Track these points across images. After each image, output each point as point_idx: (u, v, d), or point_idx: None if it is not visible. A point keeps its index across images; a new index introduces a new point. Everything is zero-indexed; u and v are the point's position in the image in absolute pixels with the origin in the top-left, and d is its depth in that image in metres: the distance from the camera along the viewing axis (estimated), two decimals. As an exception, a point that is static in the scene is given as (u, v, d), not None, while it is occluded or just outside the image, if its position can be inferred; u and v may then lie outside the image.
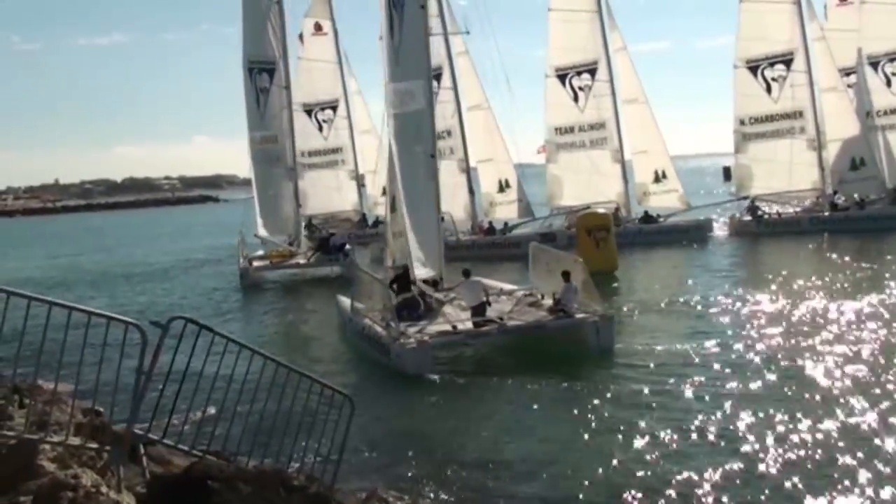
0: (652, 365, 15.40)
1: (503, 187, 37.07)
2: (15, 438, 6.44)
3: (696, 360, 15.77)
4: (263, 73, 32.96)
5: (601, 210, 30.85)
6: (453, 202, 34.75)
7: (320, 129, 41.86)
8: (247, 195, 36.13)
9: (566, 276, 17.38)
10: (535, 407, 13.42)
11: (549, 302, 17.95)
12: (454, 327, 17.07)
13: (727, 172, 39.53)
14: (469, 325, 17.17)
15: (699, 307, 21.22)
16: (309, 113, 42.64)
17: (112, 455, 6.82)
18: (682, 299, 22.32)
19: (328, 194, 41.57)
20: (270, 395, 7.57)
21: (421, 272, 19.32)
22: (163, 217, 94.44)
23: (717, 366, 15.14)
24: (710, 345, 16.71)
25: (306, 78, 40.78)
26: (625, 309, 21.38)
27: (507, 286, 20.18)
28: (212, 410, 7.88)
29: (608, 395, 13.74)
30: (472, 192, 36.02)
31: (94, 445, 6.82)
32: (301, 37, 42.56)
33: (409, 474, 10.42)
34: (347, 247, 31.40)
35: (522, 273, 29.24)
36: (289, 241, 33.69)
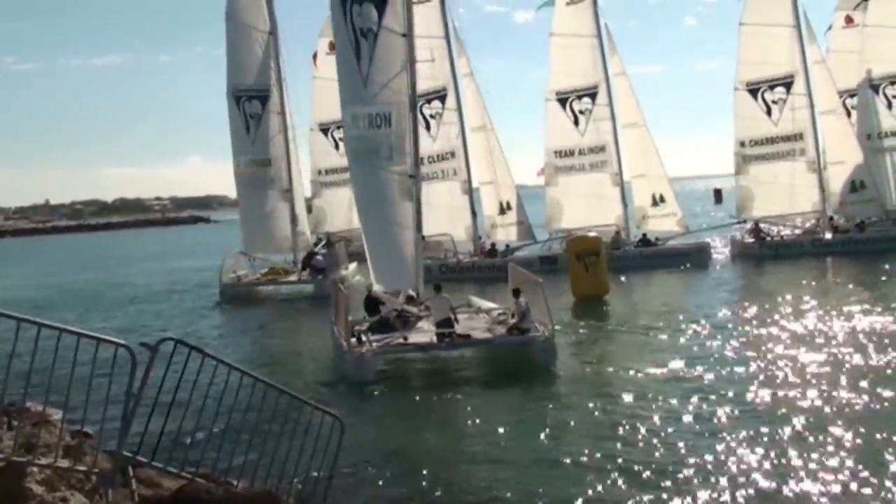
0: (616, 388, 15.65)
1: (504, 209, 37.03)
2: (3, 461, 6.41)
3: (651, 382, 15.90)
4: (254, 100, 34.13)
5: (592, 234, 30.75)
6: (455, 223, 34.85)
7: (337, 147, 41.93)
8: (238, 216, 36.66)
9: (516, 293, 18.53)
10: (513, 423, 13.67)
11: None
12: (405, 338, 18.06)
13: (718, 195, 39.66)
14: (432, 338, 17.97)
15: (682, 330, 21.03)
16: (325, 132, 43.39)
17: (101, 478, 6.81)
18: (666, 322, 22.22)
19: (348, 211, 41.66)
20: (260, 416, 7.56)
21: (390, 288, 20.35)
22: (153, 238, 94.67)
23: (673, 389, 15.12)
24: (677, 367, 16.72)
25: (321, 97, 40.89)
26: (606, 329, 22.22)
27: (488, 304, 20.92)
28: (201, 432, 7.86)
29: (570, 412, 14.04)
30: (474, 213, 36.01)
31: (83, 468, 6.81)
32: (315, 56, 43.56)
33: (399, 494, 10.35)
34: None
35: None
36: (292, 260, 34.61)
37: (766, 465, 10.87)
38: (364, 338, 17.73)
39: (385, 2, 19.94)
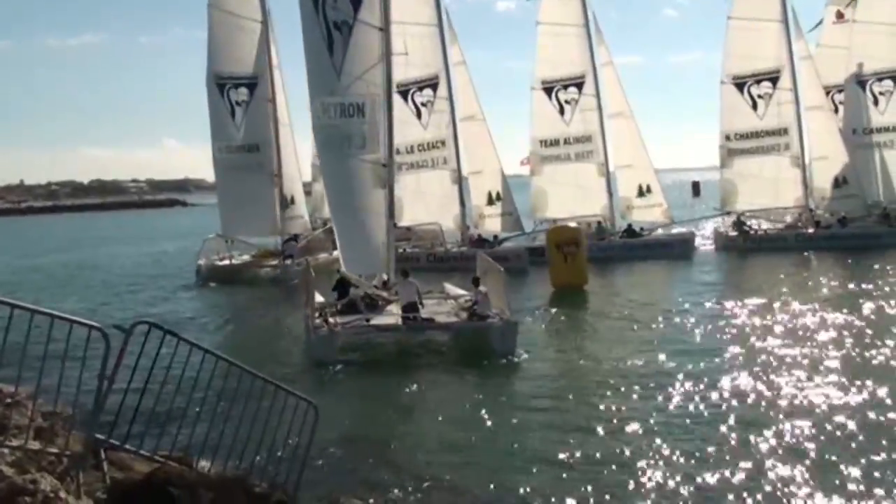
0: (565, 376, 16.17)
1: (493, 199, 37.03)
2: (-27, 442, 6.38)
3: (614, 371, 16.18)
4: (241, 87, 34.51)
5: (572, 224, 30.82)
6: (444, 213, 34.83)
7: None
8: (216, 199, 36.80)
9: (476, 282, 19.53)
10: (471, 408, 13.91)
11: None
12: (367, 320, 18.72)
13: (696, 187, 39.78)
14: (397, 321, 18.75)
15: (654, 320, 21.29)
16: None
17: (72, 460, 6.77)
18: (639, 313, 22.45)
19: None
20: (234, 400, 7.54)
21: (360, 273, 20.99)
22: (130, 220, 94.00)
23: (633, 379, 15.32)
24: (641, 357, 16.94)
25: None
26: (577, 319, 22.61)
27: (458, 291, 21.60)
28: (175, 416, 7.83)
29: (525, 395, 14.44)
30: (462, 203, 36.00)
31: (54, 450, 6.76)
32: None
33: (373, 480, 10.37)
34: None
35: (514, 283, 29.46)
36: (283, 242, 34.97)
37: (725, 456, 10.97)
38: (331, 319, 18.34)
39: None
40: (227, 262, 34.61)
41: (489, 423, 12.92)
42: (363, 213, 20.94)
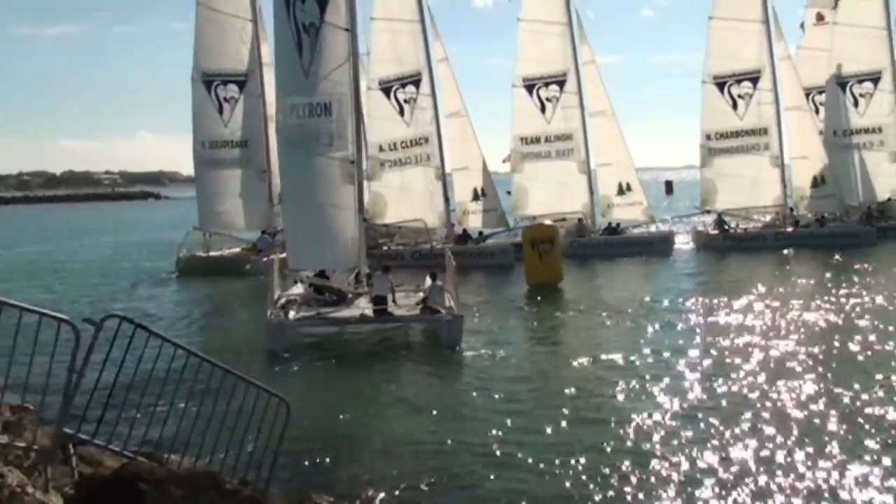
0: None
1: (477, 196, 37.04)
2: (-61, 435, 6.33)
3: (567, 368, 16.39)
4: (229, 84, 34.98)
5: (548, 222, 30.88)
6: (428, 209, 34.82)
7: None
8: (193, 193, 36.93)
9: (433, 276, 20.28)
10: (429, 400, 14.20)
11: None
12: (319, 313, 19.51)
13: (669, 186, 39.96)
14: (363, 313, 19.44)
15: (624, 318, 21.43)
16: None
17: (40, 454, 6.72)
18: (609, 311, 22.54)
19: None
20: (205, 396, 7.51)
21: (327, 266, 21.72)
22: (102, 212, 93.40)
23: (591, 375, 15.57)
24: (603, 354, 17.08)
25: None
26: (545, 315, 22.81)
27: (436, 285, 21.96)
28: (145, 411, 7.80)
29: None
30: (447, 199, 36.01)
31: (22, 444, 6.72)
32: None
33: (344, 477, 10.37)
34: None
35: (491, 280, 29.62)
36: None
37: (688, 450, 11.01)
38: (292, 311, 19.28)
39: None
40: (215, 254, 35.05)
41: (453, 417, 13.10)
42: (333, 210, 21.36)
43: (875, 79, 40.55)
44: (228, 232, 35.81)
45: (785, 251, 34.78)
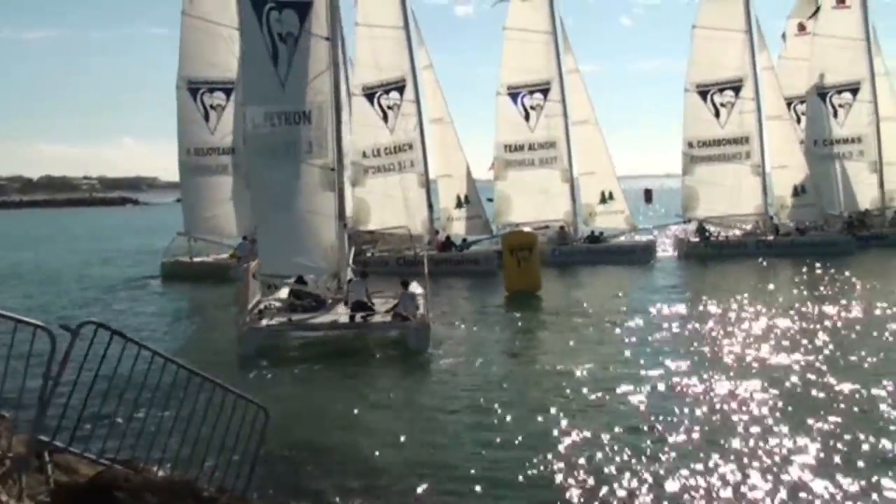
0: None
1: (461, 203, 37.06)
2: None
3: (537, 374, 16.65)
4: (216, 91, 34.94)
5: (527, 229, 30.96)
6: (412, 216, 34.81)
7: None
8: (173, 199, 37.05)
9: (405, 284, 20.41)
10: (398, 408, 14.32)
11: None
12: (290, 319, 19.64)
13: (648, 195, 40.13)
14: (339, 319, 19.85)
15: (598, 325, 21.57)
16: None
17: (14, 462, 6.65)
18: (590, 318, 22.70)
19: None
20: (183, 403, 7.47)
21: (305, 273, 21.98)
22: (80, 218, 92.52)
23: (556, 383, 15.58)
24: (569, 361, 17.11)
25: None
26: (519, 323, 22.83)
27: (418, 291, 21.94)
28: (122, 418, 7.72)
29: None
30: (430, 206, 36.03)
31: (-4, 451, 6.65)
32: None
33: (322, 484, 10.32)
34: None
35: (473, 286, 29.64)
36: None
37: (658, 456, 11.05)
38: (265, 317, 19.55)
39: (308, 7, 20.92)
40: (199, 259, 34.96)
41: (428, 424, 13.17)
42: (313, 216, 21.47)
43: (854, 89, 41.02)
44: (215, 238, 35.75)
45: (762, 261, 34.98)
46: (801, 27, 43.34)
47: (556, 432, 12.33)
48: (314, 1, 21.06)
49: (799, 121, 42.47)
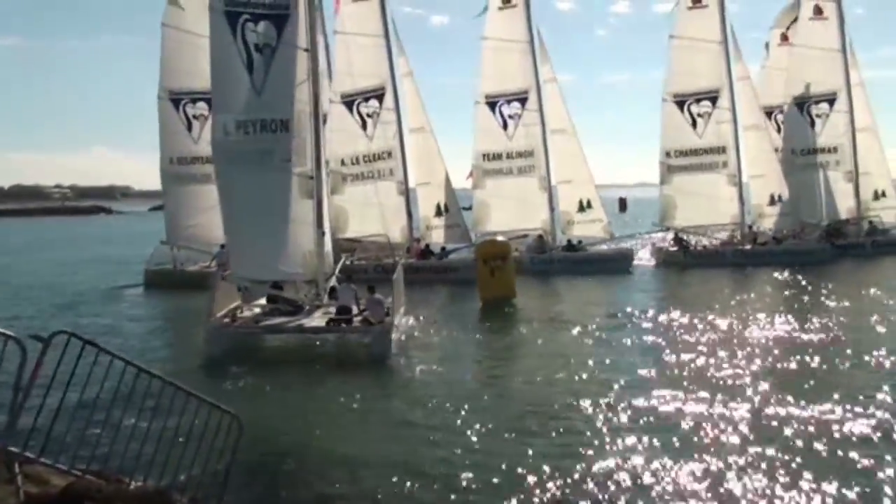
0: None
1: (441, 211, 37.10)
2: None
3: (497, 381, 16.99)
4: (199, 102, 34.71)
5: (500, 238, 31.08)
6: (391, 224, 34.79)
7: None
8: (147, 208, 36.91)
9: (371, 289, 20.59)
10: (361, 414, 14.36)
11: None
12: (256, 321, 20.43)
13: (623, 203, 40.42)
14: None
15: (563, 334, 21.84)
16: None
17: (-17, 473, 6.60)
18: (552, 326, 23.05)
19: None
20: (156, 413, 7.42)
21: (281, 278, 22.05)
22: (52, 227, 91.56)
23: (518, 391, 15.88)
24: (534, 370, 17.43)
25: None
26: (487, 330, 23.29)
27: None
28: (94, 429, 7.66)
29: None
30: (410, 214, 36.03)
31: (-35, 463, 6.59)
32: None
33: (296, 493, 10.31)
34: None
35: (451, 294, 29.67)
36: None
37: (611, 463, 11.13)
38: (239, 320, 20.30)
39: (285, 19, 21.18)
40: (180, 268, 34.96)
41: (400, 431, 13.23)
42: (287, 223, 21.63)
43: (831, 100, 41.54)
44: (197, 247, 35.49)
45: (745, 271, 35.27)
46: (784, 37, 43.96)
47: (527, 437, 12.44)
48: (292, 13, 21.23)
49: (779, 130, 43.00)
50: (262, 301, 22.27)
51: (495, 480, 10.68)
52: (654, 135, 40.10)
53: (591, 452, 11.71)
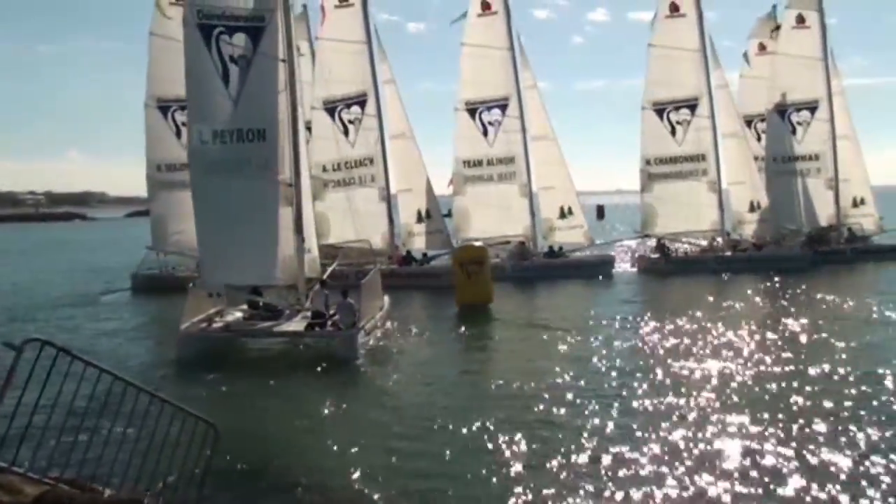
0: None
1: (422, 218, 37.12)
2: None
3: (460, 385, 17.21)
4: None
5: (478, 243, 31.21)
6: (372, 230, 34.77)
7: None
8: (123, 214, 36.79)
9: (344, 294, 20.79)
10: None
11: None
12: (228, 327, 20.91)
13: (600, 211, 40.61)
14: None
15: (536, 338, 22.19)
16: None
17: (-45, 482, 6.52)
18: (534, 331, 23.27)
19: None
20: (130, 421, 7.37)
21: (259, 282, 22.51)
22: (25, 234, 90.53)
23: (472, 395, 16.08)
24: (495, 374, 17.85)
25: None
26: (468, 336, 23.25)
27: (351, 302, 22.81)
28: (67, 437, 7.59)
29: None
30: (391, 220, 36.01)
31: (-64, 472, 6.52)
32: None
33: (272, 502, 10.24)
34: None
35: (432, 300, 29.67)
36: None
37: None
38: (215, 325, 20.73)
39: (261, 31, 21.43)
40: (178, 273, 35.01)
41: (374, 436, 13.26)
42: (265, 230, 21.87)
43: (812, 108, 41.99)
44: (185, 252, 35.05)
45: (724, 276, 35.51)
46: (762, 47, 44.33)
47: (497, 441, 12.52)
48: (268, 25, 21.47)
49: (759, 138, 43.35)
50: (244, 306, 22.49)
51: (469, 486, 10.69)
52: (629, 142, 40.33)
53: (561, 456, 11.79)
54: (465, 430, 13.22)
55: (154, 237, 35.37)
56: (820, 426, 13.01)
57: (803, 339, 20.80)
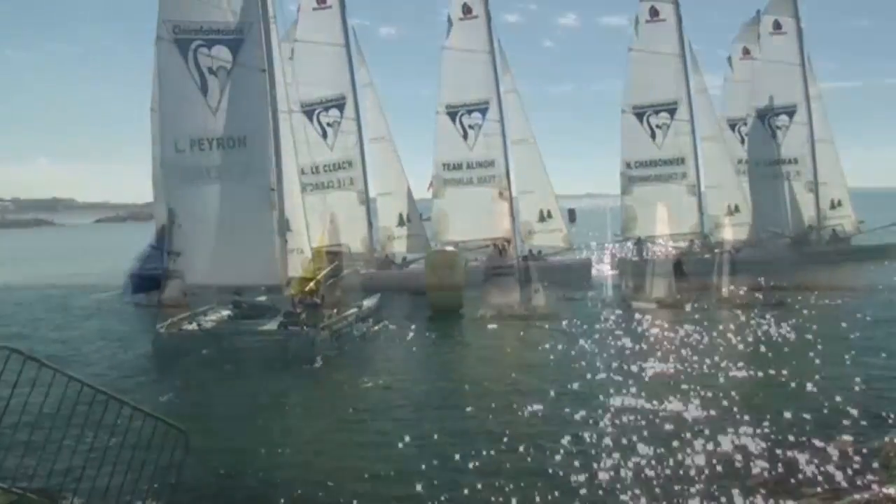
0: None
1: (402, 221, 37.02)
2: None
3: (440, 387, 17.06)
4: None
5: (450, 248, 31.19)
6: (351, 234, 34.64)
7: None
8: (92, 220, 36.44)
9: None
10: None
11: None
12: (199, 325, 21.72)
13: (572, 214, 40.59)
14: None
15: (497, 340, 22.42)
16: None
17: (-80, 492, 6.44)
18: (501, 335, 23.34)
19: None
20: (100, 429, 7.30)
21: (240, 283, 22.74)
22: None
23: (433, 397, 16.09)
24: (461, 375, 18.06)
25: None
26: (438, 337, 23.59)
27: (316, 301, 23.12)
28: (36, 446, 7.51)
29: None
30: (370, 224, 35.91)
31: None
32: None
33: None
34: None
35: (407, 304, 29.62)
36: None
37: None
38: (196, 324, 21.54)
39: (240, 43, 21.81)
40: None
41: (349, 439, 13.25)
42: (247, 234, 22.08)
43: (791, 112, 42.43)
44: None
45: (714, 280, 35.61)
46: (746, 51, 44.66)
47: (466, 443, 12.54)
48: (246, 37, 21.78)
49: (743, 142, 43.77)
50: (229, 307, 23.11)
51: (445, 486, 10.65)
52: (601, 146, 40.49)
53: (533, 453, 11.89)
54: (434, 430, 13.24)
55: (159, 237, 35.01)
56: (805, 426, 13.02)
57: (777, 341, 20.84)
